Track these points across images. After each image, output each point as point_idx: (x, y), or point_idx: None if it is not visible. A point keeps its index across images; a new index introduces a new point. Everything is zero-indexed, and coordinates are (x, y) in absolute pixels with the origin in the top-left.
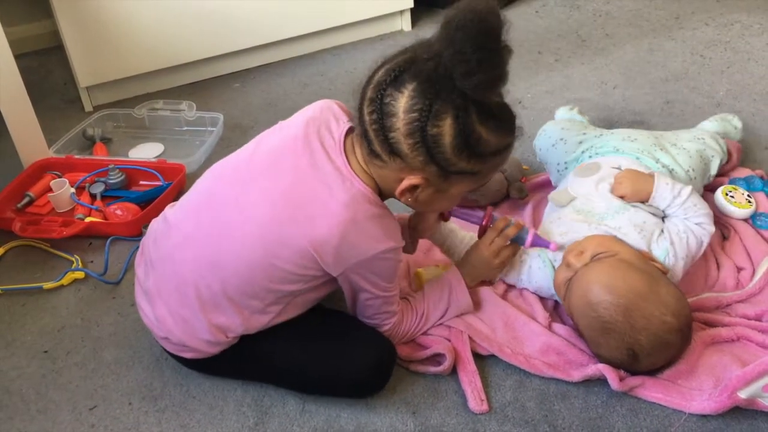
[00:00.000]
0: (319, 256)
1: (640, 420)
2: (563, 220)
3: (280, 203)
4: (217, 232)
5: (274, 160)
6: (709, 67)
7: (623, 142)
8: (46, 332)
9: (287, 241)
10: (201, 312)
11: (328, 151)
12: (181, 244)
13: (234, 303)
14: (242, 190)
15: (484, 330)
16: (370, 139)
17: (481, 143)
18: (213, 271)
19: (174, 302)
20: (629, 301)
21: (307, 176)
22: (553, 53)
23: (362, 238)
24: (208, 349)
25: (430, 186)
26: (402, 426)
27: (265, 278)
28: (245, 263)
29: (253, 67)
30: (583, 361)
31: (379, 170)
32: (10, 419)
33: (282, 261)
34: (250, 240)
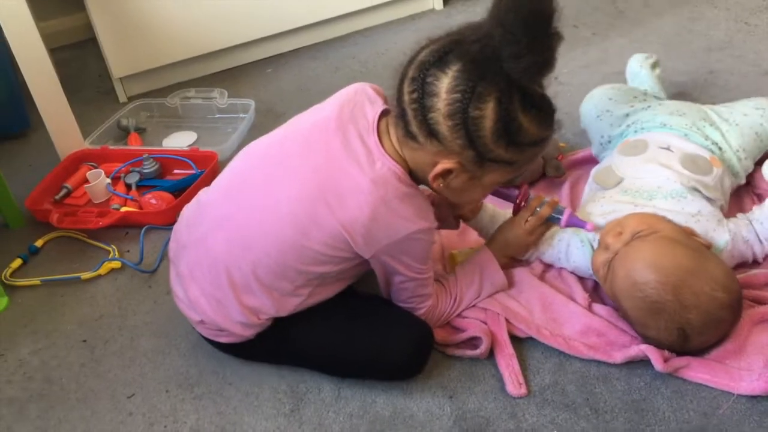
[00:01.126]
0: (350, 237)
1: (686, 402)
2: (607, 200)
3: (311, 183)
4: (248, 212)
5: (306, 141)
6: (754, 34)
7: (671, 117)
8: (84, 322)
9: (318, 221)
10: (232, 293)
11: (361, 132)
12: (213, 225)
13: (264, 285)
14: (273, 171)
15: (521, 312)
16: (408, 120)
17: (522, 132)
18: (244, 252)
19: (207, 284)
20: (678, 278)
21: (339, 156)
22: (589, 27)
23: (393, 218)
24: (242, 332)
25: (465, 172)
26: (439, 410)
27: (295, 259)
28: (275, 244)
29: (285, 52)
30: (625, 342)
31: (413, 153)
32: (51, 408)
33: (313, 242)
34: (281, 220)
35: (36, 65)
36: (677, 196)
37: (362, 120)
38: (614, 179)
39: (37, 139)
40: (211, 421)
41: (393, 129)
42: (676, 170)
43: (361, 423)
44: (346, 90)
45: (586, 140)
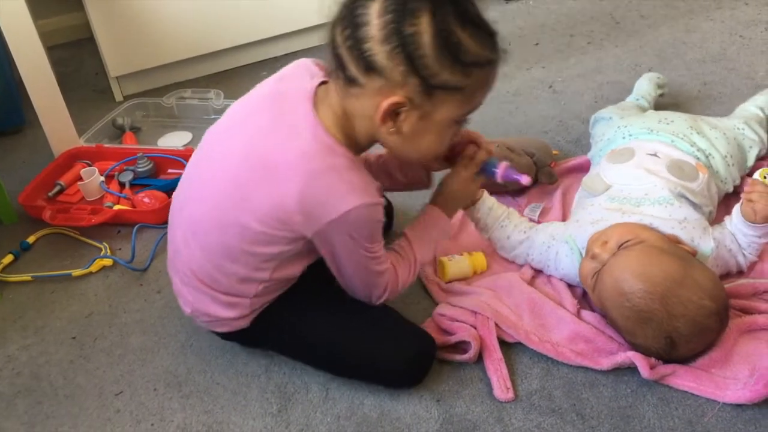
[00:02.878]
0: (285, 214)
1: (671, 409)
2: (596, 207)
3: (242, 161)
4: (194, 200)
5: (243, 121)
6: (748, 47)
7: (659, 124)
8: (74, 318)
9: (251, 199)
10: (199, 282)
11: (295, 104)
12: (174, 217)
13: (219, 270)
14: (214, 155)
15: (510, 317)
16: (345, 63)
17: (462, 48)
18: (194, 237)
19: (182, 275)
20: (665, 288)
21: (268, 131)
22: (585, 36)
23: (329, 193)
24: (232, 315)
25: (414, 109)
26: (426, 414)
27: (239, 240)
28: (217, 226)
29: (280, 55)
30: (612, 349)
31: (356, 102)
32: (39, 404)
33: (251, 221)
34: (217, 202)
35: (33, 63)
36: (664, 203)
37: (297, 92)
38: (602, 186)
39: (32, 136)
40: (199, 420)
41: (334, 92)
42: (663, 177)
43: (348, 424)
44: (288, 66)
45: (579, 148)
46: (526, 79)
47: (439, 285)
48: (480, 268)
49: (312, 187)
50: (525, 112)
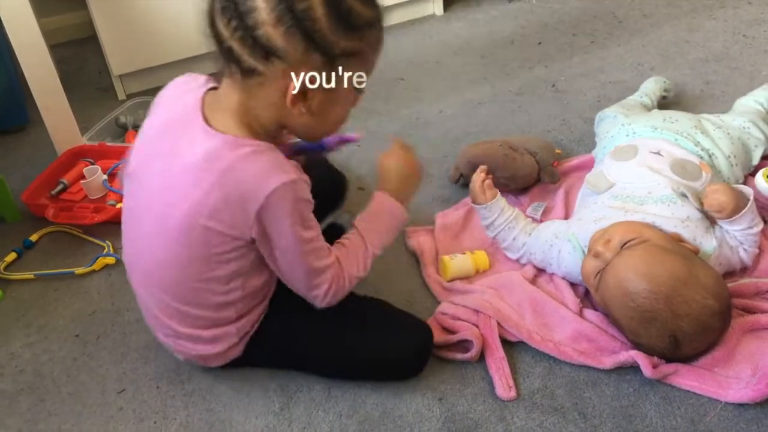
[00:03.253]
0: (218, 222)
1: (673, 408)
2: (599, 205)
3: (160, 194)
4: (140, 252)
5: (150, 166)
6: (751, 46)
7: (663, 122)
8: (77, 317)
9: (186, 227)
10: (178, 326)
11: (184, 125)
12: (130, 271)
13: (194, 307)
14: (135, 203)
15: (512, 316)
16: (239, 56)
17: (353, 13)
18: (157, 285)
19: (161, 327)
20: (670, 287)
21: (173, 158)
22: (588, 35)
23: (244, 181)
24: (222, 348)
25: (320, 85)
26: (428, 412)
27: (198, 272)
28: (174, 265)
29: None
30: (614, 348)
31: (260, 91)
32: (42, 401)
33: (200, 248)
34: (157, 239)
35: (36, 61)
36: (667, 201)
37: (183, 114)
38: (605, 184)
39: (36, 135)
40: (201, 418)
41: (228, 92)
42: (666, 175)
43: (350, 423)
44: (163, 91)
45: (582, 147)
46: (529, 78)
47: (441, 284)
48: (482, 267)
49: (229, 182)
50: (528, 111)
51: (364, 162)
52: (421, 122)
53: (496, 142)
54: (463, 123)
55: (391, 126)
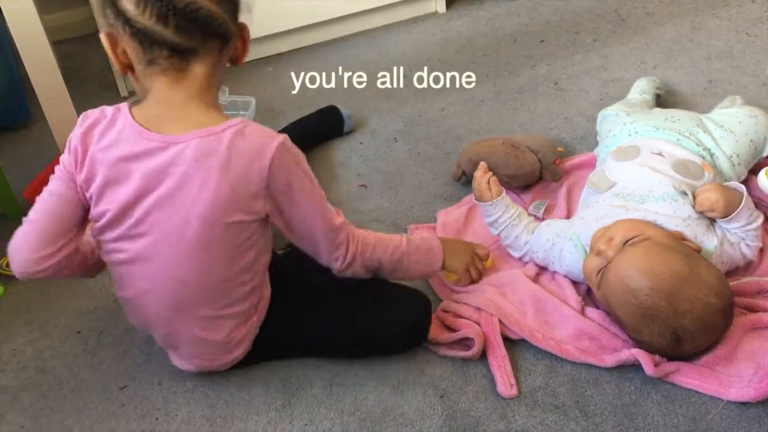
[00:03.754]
0: (237, 212)
1: (675, 407)
2: (600, 204)
3: (169, 221)
4: (152, 280)
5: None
6: (754, 45)
7: (665, 122)
8: (79, 313)
9: (207, 231)
10: (210, 344)
11: (142, 145)
12: (142, 312)
13: (223, 307)
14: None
15: (514, 314)
16: (220, 29)
17: None
18: (184, 306)
19: (187, 348)
20: (672, 285)
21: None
22: (590, 33)
23: (246, 157)
24: (235, 354)
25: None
26: (429, 410)
27: (224, 272)
28: (199, 279)
29: (286, 51)
30: (616, 346)
31: (221, 61)
32: (44, 398)
33: (225, 245)
34: (179, 263)
35: (38, 58)
36: (669, 200)
37: (131, 141)
38: (607, 183)
39: (38, 131)
40: (203, 414)
41: (172, 90)
42: (668, 174)
43: (351, 420)
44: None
45: (584, 146)
46: (531, 76)
47: (443, 281)
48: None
49: (232, 169)
50: (530, 109)
51: (366, 160)
52: (423, 120)
53: (498, 140)
54: (465, 121)
55: (393, 124)
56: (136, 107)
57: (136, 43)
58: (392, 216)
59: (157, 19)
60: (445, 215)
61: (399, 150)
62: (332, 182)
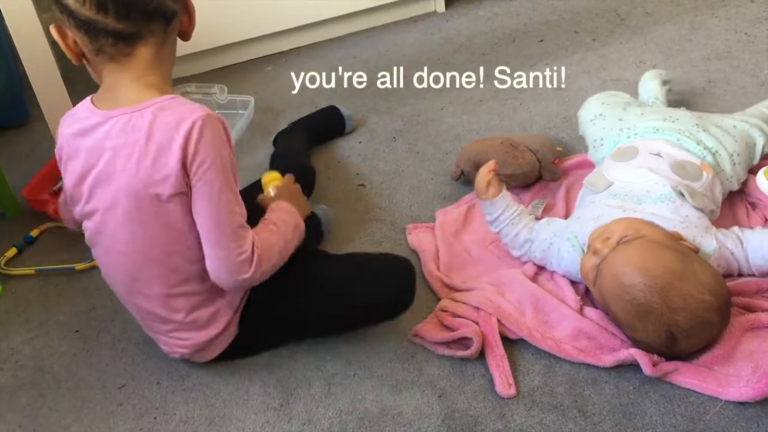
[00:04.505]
0: (161, 184)
1: (673, 406)
2: (597, 204)
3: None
4: (108, 255)
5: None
6: (753, 45)
7: (664, 123)
8: (78, 312)
9: (140, 202)
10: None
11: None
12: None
13: (179, 288)
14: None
15: (513, 313)
16: (120, 31)
17: None
18: (135, 281)
19: (161, 325)
20: (665, 281)
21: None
22: (590, 33)
23: (166, 126)
24: (221, 329)
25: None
26: (428, 409)
27: (168, 244)
28: (145, 248)
29: (285, 50)
30: (614, 346)
31: (168, 40)
32: (41, 397)
33: (162, 217)
34: (125, 232)
35: (37, 56)
36: (666, 200)
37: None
38: (604, 183)
39: (37, 130)
40: (201, 414)
41: (119, 73)
42: (666, 175)
43: (350, 419)
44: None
45: (583, 145)
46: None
47: (442, 281)
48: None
49: (153, 139)
50: (529, 108)
51: (365, 159)
52: (422, 119)
53: (497, 140)
54: (465, 120)
55: (392, 123)
56: (95, 94)
57: (83, 33)
58: (391, 215)
59: (97, 9)
60: (443, 214)
61: (398, 149)
62: (331, 182)
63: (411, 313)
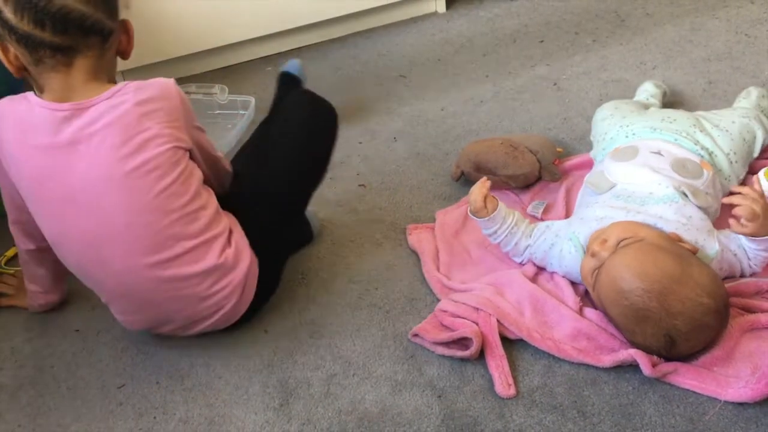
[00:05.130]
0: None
1: (673, 407)
2: (600, 205)
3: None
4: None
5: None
6: (754, 46)
7: (662, 123)
8: (78, 311)
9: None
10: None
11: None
12: (93, 275)
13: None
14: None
15: (512, 314)
16: (101, 28)
17: None
18: (136, 260)
19: (163, 309)
20: (663, 285)
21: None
22: (590, 33)
23: (152, 83)
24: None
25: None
26: (427, 409)
27: (163, 209)
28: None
29: (285, 50)
30: (614, 347)
31: (110, 49)
32: (41, 396)
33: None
34: (123, 215)
35: None
36: (669, 201)
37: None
38: (607, 184)
39: None
40: (200, 413)
41: (50, 84)
42: (668, 175)
43: (349, 419)
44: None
45: (583, 146)
46: (531, 76)
47: (442, 281)
48: None
49: (146, 85)
50: (529, 109)
51: (366, 159)
52: (422, 120)
53: (497, 140)
54: (465, 121)
55: (392, 124)
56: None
57: (23, 47)
58: (391, 216)
59: (35, 25)
60: (443, 215)
61: (398, 150)
62: (331, 182)
63: (411, 314)
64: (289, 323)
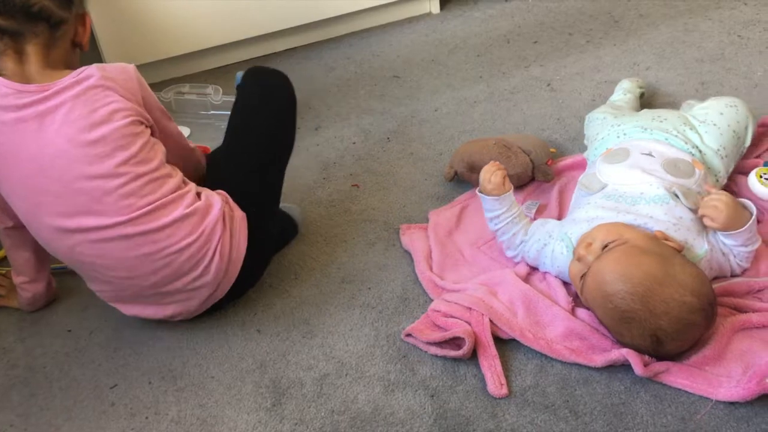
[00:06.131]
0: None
1: (664, 406)
2: (591, 206)
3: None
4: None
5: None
6: (746, 47)
7: (652, 122)
8: (70, 312)
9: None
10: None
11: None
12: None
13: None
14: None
15: (505, 314)
16: (50, 14)
17: None
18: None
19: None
20: (645, 288)
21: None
22: (584, 35)
23: (114, 66)
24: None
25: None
26: (420, 409)
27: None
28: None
29: (279, 51)
30: (606, 346)
31: (64, 37)
32: (34, 396)
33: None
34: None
35: None
36: (660, 202)
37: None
38: (598, 185)
39: None
40: (193, 414)
41: (7, 68)
42: (659, 176)
43: (342, 419)
44: None
45: (577, 146)
46: (525, 77)
47: (434, 281)
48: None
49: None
50: (523, 109)
51: (359, 159)
52: (416, 120)
53: (490, 141)
54: (458, 121)
55: (386, 124)
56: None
57: None
58: (384, 216)
59: None
60: (436, 215)
61: (392, 150)
62: (324, 182)
63: (404, 314)
64: (282, 323)
